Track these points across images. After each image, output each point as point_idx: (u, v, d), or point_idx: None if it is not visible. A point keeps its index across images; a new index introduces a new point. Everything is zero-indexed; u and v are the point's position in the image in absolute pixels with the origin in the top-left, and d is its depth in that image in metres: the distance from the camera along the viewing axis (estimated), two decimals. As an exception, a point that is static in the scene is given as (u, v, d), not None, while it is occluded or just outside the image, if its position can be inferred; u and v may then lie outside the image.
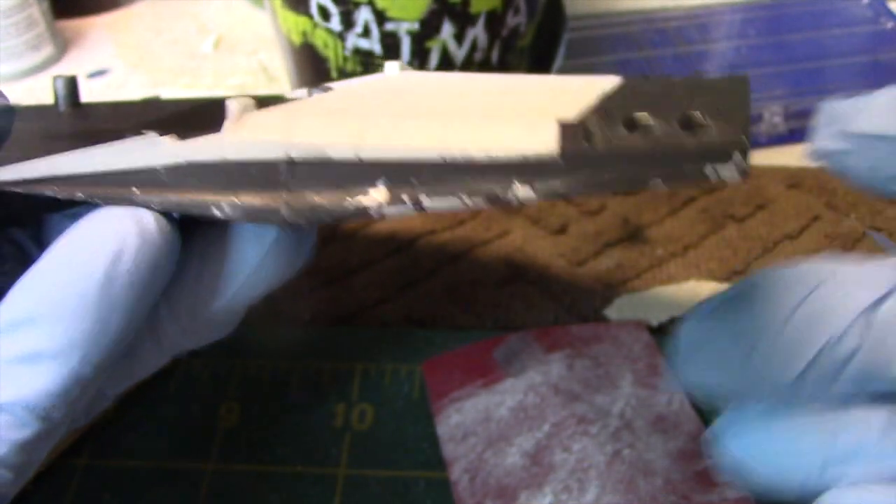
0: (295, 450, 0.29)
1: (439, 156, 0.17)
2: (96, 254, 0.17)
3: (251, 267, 0.20)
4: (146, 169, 0.18)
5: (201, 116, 0.20)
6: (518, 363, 0.31)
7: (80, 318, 0.17)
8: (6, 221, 0.22)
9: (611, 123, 0.17)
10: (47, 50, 0.50)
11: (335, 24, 0.35)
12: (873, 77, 0.45)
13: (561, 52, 0.42)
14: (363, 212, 0.18)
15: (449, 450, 0.29)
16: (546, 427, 0.28)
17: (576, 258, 0.36)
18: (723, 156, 0.16)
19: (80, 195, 0.18)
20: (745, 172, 0.16)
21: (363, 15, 0.34)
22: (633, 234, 0.37)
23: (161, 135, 0.18)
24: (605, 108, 0.18)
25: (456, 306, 0.34)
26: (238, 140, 0.18)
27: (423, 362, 0.32)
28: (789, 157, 0.41)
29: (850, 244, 0.36)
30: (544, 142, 0.17)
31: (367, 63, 0.36)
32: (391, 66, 0.28)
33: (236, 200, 0.18)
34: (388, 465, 0.29)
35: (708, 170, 0.16)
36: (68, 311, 0.17)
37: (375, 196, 0.18)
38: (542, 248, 0.36)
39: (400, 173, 0.18)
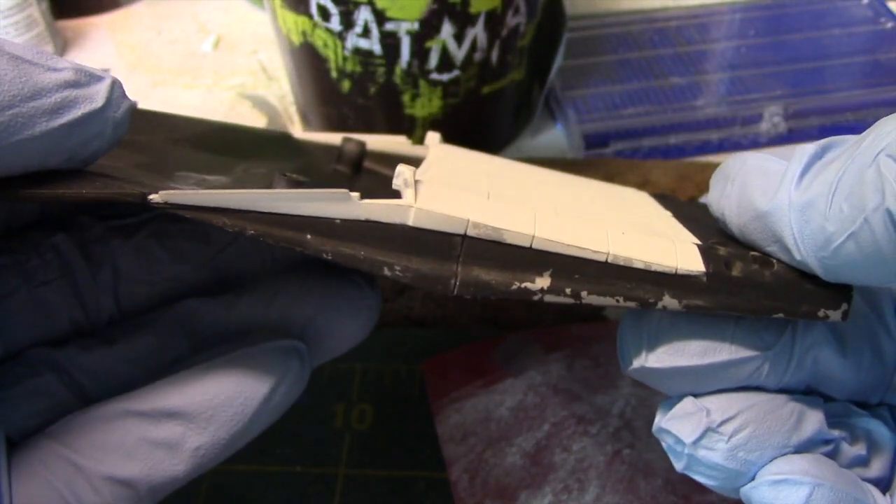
0: (295, 449, 0.29)
1: (605, 257, 0.19)
2: (262, 378, 0.20)
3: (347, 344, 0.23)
4: (323, 218, 0.19)
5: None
6: (518, 363, 0.31)
7: (231, 427, 0.20)
8: (51, 226, 0.23)
9: (742, 258, 0.20)
10: (47, 50, 0.50)
11: (335, 23, 0.35)
12: (873, 77, 0.45)
13: (561, 51, 0.42)
14: (525, 294, 0.19)
15: (449, 450, 0.29)
16: (546, 427, 0.28)
17: (576, 258, 0.36)
18: (835, 304, 0.19)
19: (251, 232, 0.19)
20: (846, 315, 0.19)
21: (363, 15, 0.34)
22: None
23: (350, 190, 0.19)
24: (718, 237, 0.21)
25: (456, 307, 0.34)
26: (420, 210, 0.19)
27: (423, 362, 0.32)
28: (789, 156, 0.41)
29: (850, 244, 0.36)
30: (693, 261, 0.19)
31: (366, 63, 0.36)
32: (432, 137, 0.29)
33: (409, 265, 0.19)
34: (387, 464, 0.29)
35: (820, 313, 0.19)
36: (226, 419, 0.20)
37: (540, 283, 0.19)
38: (541, 248, 0.36)
39: (566, 267, 0.19)
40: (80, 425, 0.20)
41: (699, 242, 0.20)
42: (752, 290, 0.19)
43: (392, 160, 0.28)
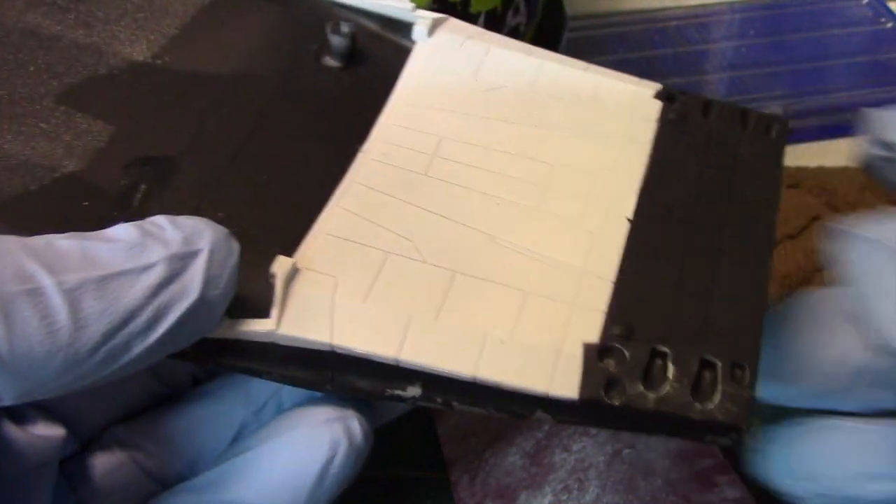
0: (295, 450, 0.29)
1: (472, 378, 0.19)
2: (314, 457, 0.20)
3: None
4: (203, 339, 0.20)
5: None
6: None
7: None
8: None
9: (629, 371, 0.19)
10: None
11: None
12: (873, 77, 0.45)
13: (561, 52, 0.42)
14: (398, 399, 0.20)
15: (449, 450, 0.29)
16: (546, 427, 0.28)
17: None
18: (722, 433, 0.19)
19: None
20: (739, 444, 0.19)
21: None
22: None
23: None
24: (623, 321, 0.20)
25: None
26: (284, 336, 0.19)
27: (424, 362, 0.32)
28: (789, 156, 0.41)
29: (850, 244, 0.36)
30: (567, 387, 0.19)
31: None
32: (419, 33, 0.27)
33: (286, 372, 0.20)
34: (388, 465, 0.29)
35: (707, 438, 0.19)
36: (284, 501, 0.20)
37: (412, 392, 0.20)
38: (542, 248, 0.36)
39: (435, 382, 0.20)
40: None
41: (593, 342, 0.19)
42: (629, 417, 0.19)
43: (386, 44, 0.26)
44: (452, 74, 0.25)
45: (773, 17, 0.49)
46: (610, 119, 0.25)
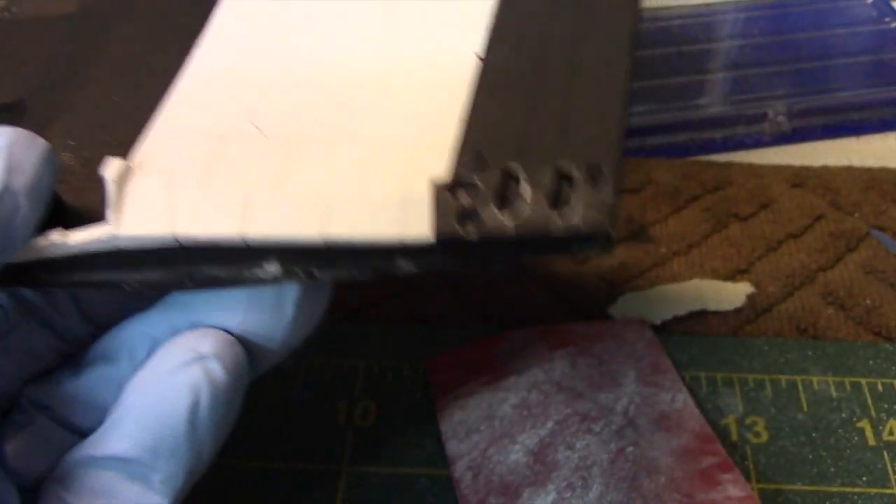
0: (298, 446, 0.29)
1: (323, 241, 0.19)
2: (176, 406, 0.20)
3: (283, 334, 0.22)
4: (46, 259, 0.20)
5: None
6: (521, 361, 0.31)
7: (175, 459, 0.20)
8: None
9: (482, 197, 0.18)
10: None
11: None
12: (877, 76, 0.45)
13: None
14: (258, 280, 0.20)
15: (452, 447, 0.29)
16: (549, 424, 0.28)
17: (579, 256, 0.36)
18: (587, 240, 0.18)
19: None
20: (609, 250, 0.18)
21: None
22: (636, 233, 0.37)
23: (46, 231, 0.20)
24: (474, 151, 0.19)
25: (460, 304, 0.34)
26: (125, 238, 0.19)
27: (427, 359, 0.32)
28: (793, 156, 0.41)
29: (854, 243, 0.36)
30: (420, 228, 0.18)
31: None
32: None
33: (142, 277, 0.20)
34: (390, 461, 0.29)
35: (574, 248, 0.18)
36: (166, 449, 0.20)
37: (270, 269, 0.19)
38: (545, 246, 0.36)
39: (289, 252, 0.19)
40: (71, 469, 0.21)
41: (442, 179, 0.19)
42: (490, 247, 0.18)
43: None
44: None
45: (777, 16, 0.49)
46: None
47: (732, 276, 0.35)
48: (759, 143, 0.42)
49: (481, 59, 0.22)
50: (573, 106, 0.20)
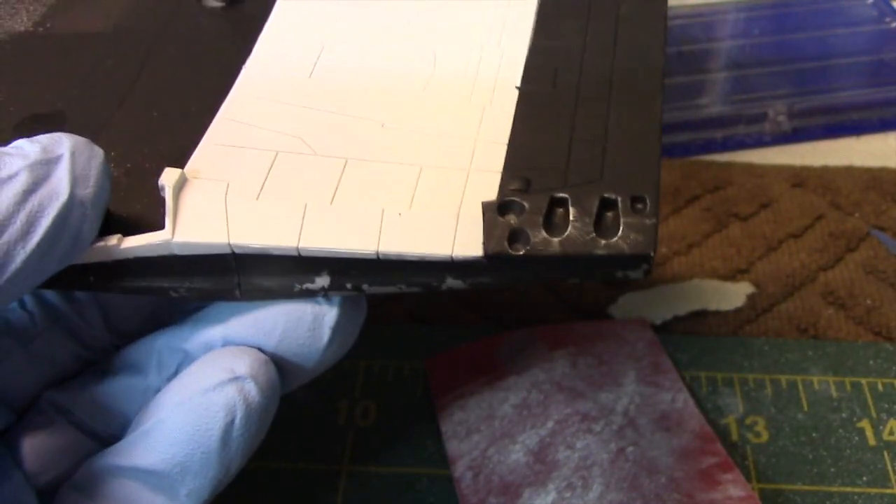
0: (298, 446, 0.29)
1: (375, 254, 0.19)
2: (210, 425, 0.20)
3: (317, 357, 0.22)
4: (98, 263, 0.20)
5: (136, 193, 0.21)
6: (521, 360, 0.31)
7: (204, 474, 0.20)
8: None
9: (531, 220, 0.19)
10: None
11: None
12: (878, 76, 0.45)
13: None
14: (309, 293, 0.20)
15: (452, 446, 0.29)
16: (550, 424, 0.28)
17: (579, 256, 0.36)
18: (632, 266, 0.19)
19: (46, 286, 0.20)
20: (649, 273, 0.19)
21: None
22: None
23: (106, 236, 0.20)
24: (520, 176, 0.20)
25: (460, 304, 0.34)
26: (180, 244, 0.19)
27: (427, 359, 0.32)
28: (793, 155, 0.41)
29: (854, 243, 0.36)
30: (470, 245, 0.19)
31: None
32: None
33: (192, 285, 0.20)
34: (391, 461, 0.29)
35: (619, 274, 0.19)
36: (195, 466, 0.20)
37: (320, 283, 0.20)
38: (545, 246, 0.36)
39: (341, 265, 0.20)
40: (92, 476, 0.21)
41: (492, 200, 0.19)
42: (537, 265, 0.19)
43: None
44: None
45: (778, 16, 0.49)
46: None
47: (732, 276, 0.35)
48: (759, 142, 0.42)
49: (520, 89, 0.23)
50: (612, 135, 0.21)
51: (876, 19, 0.49)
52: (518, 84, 0.23)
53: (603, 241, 0.19)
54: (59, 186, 0.18)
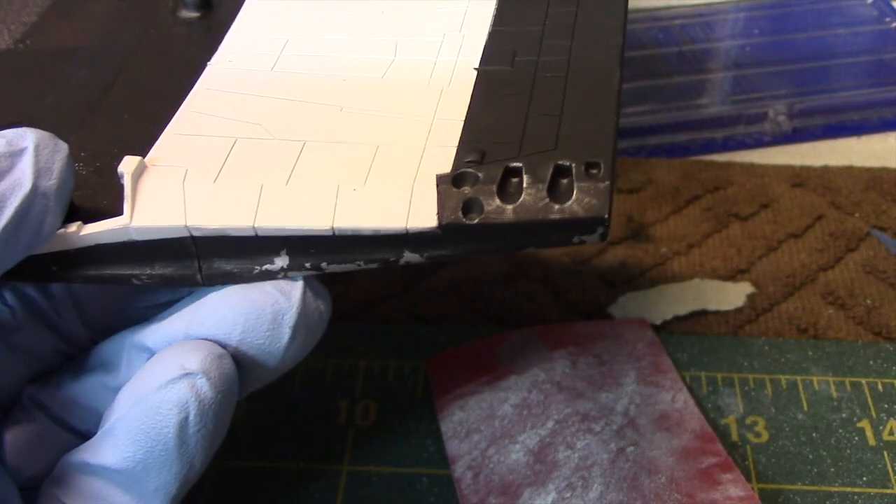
0: (298, 446, 0.29)
1: (331, 230, 0.19)
2: (164, 423, 0.20)
3: (277, 355, 0.22)
4: (58, 252, 0.20)
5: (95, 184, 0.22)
6: (522, 360, 0.31)
7: (167, 470, 0.20)
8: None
9: (484, 189, 0.19)
10: None
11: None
12: (878, 76, 0.45)
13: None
14: (269, 275, 0.20)
15: (452, 446, 0.29)
16: (550, 424, 0.28)
17: (580, 256, 0.36)
18: (587, 230, 0.19)
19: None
20: (605, 237, 0.19)
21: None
22: (637, 233, 0.37)
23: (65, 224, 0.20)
24: (475, 149, 0.20)
25: (460, 303, 0.34)
26: (138, 228, 0.20)
27: (427, 359, 0.32)
28: (794, 156, 0.41)
29: (854, 243, 0.36)
30: (425, 217, 0.19)
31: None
32: None
33: (153, 271, 0.21)
34: (391, 461, 0.29)
35: (575, 239, 0.19)
36: (157, 464, 0.20)
37: (279, 263, 0.20)
38: (545, 246, 0.36)
39: (299, 245, 0.20)
40: (67, 473, 0.21)
41: (447, 171, 0.20)
42: (492, 234, 0.19)
43: None
44: None
45: (778, 16, 0.49)
46: None
47: (732, 276, 0.35)
48: (759, 142, 0.42)
49: (478, 70, 0.23)
50: (568, 109, 0.21)
51: (876, 19, 0.49)
52: (476, 65, 0.23)
53: (557, 206, 0.19)
54: (22, 178, 0.18)
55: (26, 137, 0.19)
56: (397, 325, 0.33)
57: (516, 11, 0.25)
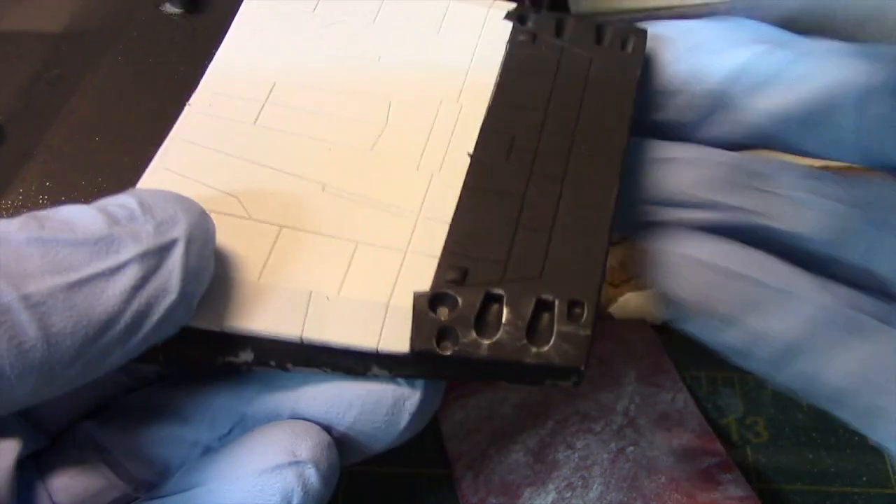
0: (298, 446, 0.29)
1: (299, 340, 0.18)
2: None
3: (390, 440, 0.21)
4: None
5: None
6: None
7: None
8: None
9: (462, 317, 0.18)
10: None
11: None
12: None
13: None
14: (232, 366, 0.19)
15: (452, 446, 0.29)
16: (550, 424, 0.28)
17: (579, 256, 0.36)
18: (562, 377, 0.18)
19: None
20: (579, 384, 0.18)
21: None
22: (636, 233, 0.37)
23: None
24: (457, 266, 0.19)
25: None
26: None
27: (427, 359, 0.32)
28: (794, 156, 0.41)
29: (854, 243, 0.36)
30: (397, 341, 0.18)
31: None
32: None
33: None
34: (391, 461, 0.29)
35: (547, 382, 0.19)
36: None
37: (244, 357, 0.19)
38: (545, 246, 0.36)
39: (265, 345, 0.19)
40: None
41: (424, 291, 0.19)
42: (464, 366, 0.18)
43: None
44: (289, 13, 0.24)
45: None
46: (455, 46, 0.24)
47: (733, 276, 0.35)
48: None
49: (472, 156, 0.21)
50: (559, 226, 0.20)
51: (876, 20, 0.49)
52: (470, 151, 0.21)
53: (533, 350, 0.18)
54: (170, 282, 0.16)
55: (178, 223, 0.17)
56: (397, 325, 0.33)
57: (520, 82, 0.23)
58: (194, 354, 0.19)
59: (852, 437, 0.29)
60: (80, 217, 0.16)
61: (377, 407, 0.20)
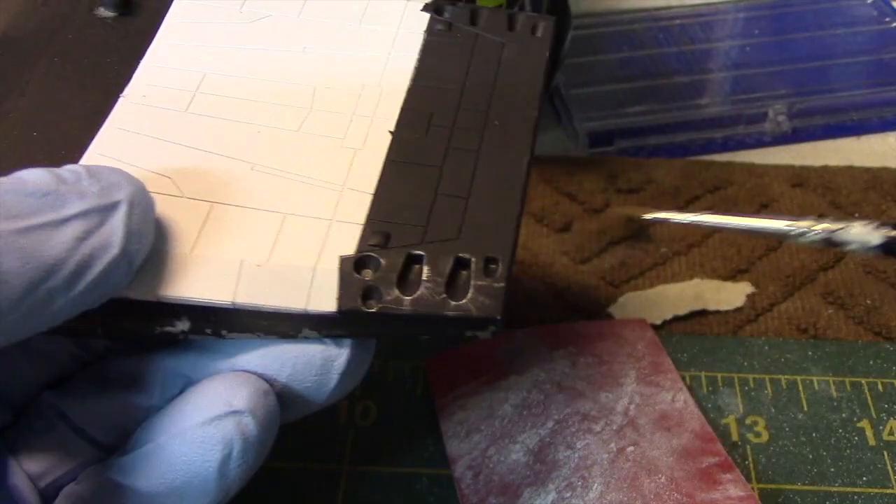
0: (298, 446, 0.29)
1: (232, 305, 0.20)
2: (207, 457, 0.20)
3: (322, 397, 0.22)
4: None
5: None
6: (522, 360, 0.31)
7: (202, 499, 0.20)
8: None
9: (385, 277, 0.20)
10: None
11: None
12: (878, 76, 0.45)
13: (566, 49, 0.41)
14: (169, 336, 0.20)
15: (452, 446, 0.29)
16: (550, 424, 0.28)
17: (580, 256, 0.36)
18: (480, 327, 0.20)
19: None
20: (497, 334, 0.20)
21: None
22: (637, 233, 0.37)
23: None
24: (380, 231, 0.21)
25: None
26: None
27: (427, 359, 0.32)
28: (794, 155, 0.41)
29: (854, 243, 0.36)
30: (325, 301, 0.20)
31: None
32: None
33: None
34: (391, 461, 0.29)
35: (468, 333, 0.20)
36: (190, 496, 0.20)
37: (181, 326, 0.20)
38: (546, 246, 0.36)
39: (200, 312, 0.20)
40: (94, 490, 0.21)
41: (350, 255, 0.20)
42: (389, 322, 0.20)
43: None
44: (218, 11, 0.26)
45: (778, 16, 0.49)
46: (376, 36, 0.26)
47: (732, 276, 0.35)
48: (759, 142, 0.42)
49: (392, 133, 0.23)
50: (476, 192, 0.22)
51: (876, 19, 0.49)
52: (391, 128, 0.23)
53: (453, 303, 0.19)
54: (112, 239, 0.18)
55: (121, 189, 0.18)
56: (397, 325, 0.33)
57: (437, 66, 0.25)
58: (133, 326, 0.20)
59: (852, 437, 0.29)
60: (30, 174, 0.17)
61: (307, 367, 0.21)
